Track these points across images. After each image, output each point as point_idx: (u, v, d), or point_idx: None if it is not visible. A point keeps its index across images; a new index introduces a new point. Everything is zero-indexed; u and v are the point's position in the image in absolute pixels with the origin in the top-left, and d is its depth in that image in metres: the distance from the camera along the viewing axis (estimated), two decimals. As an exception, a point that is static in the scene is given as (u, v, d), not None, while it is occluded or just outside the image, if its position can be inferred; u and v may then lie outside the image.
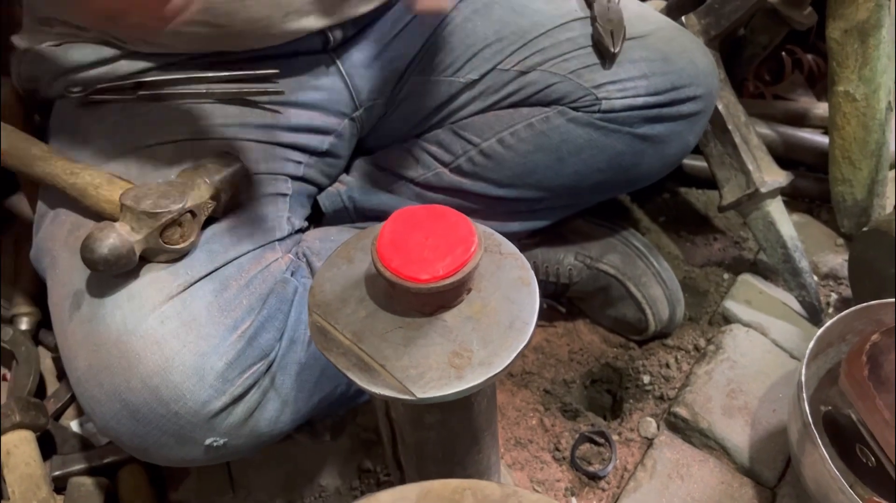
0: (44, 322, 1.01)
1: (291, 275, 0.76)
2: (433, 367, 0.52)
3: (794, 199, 1.21)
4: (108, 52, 0.78)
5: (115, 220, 0.66)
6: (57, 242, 0.72)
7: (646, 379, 1.00)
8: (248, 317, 0.68)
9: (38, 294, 1.01)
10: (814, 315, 1.04)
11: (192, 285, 0.67)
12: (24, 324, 0.98)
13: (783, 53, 1.35)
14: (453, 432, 0.62)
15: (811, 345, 0.82)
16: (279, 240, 0.77)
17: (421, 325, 0.54)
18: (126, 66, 0.78)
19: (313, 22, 0.79)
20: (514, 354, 0.53)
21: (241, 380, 0.67)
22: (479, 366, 0.52)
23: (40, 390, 0.96)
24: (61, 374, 0.97)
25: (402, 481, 0.71)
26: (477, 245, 0.54)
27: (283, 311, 0.72)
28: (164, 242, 0.66)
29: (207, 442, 0.67)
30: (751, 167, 1.02)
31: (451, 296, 0.54)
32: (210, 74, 0.79)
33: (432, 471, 0.67)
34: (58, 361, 0.97)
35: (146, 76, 0.78)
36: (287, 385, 0.71)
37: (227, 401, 0.66)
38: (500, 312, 0.55)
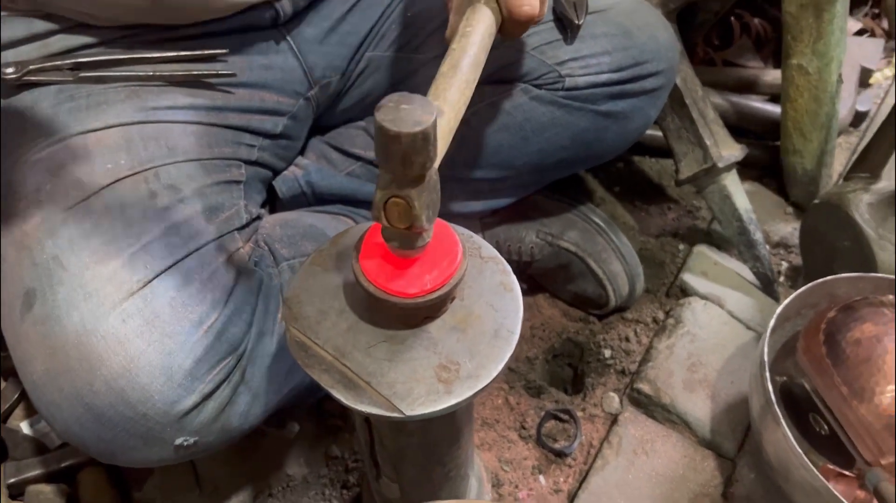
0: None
1: (255, 264, 0.73)
2: (420, 382, 0.51)
3: (744, 167, 1.23)
4: (39, 25, 0.72)
5: None
6: (1, 237, 0.67)
7: (607, 353, 1.02)
8: (213, 311, 0.66)
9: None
10: (767, 285, 1.06)
11: (152, 280, 0.64)
12: (-39, 323, 0.92)
13: (732, 18, 1.36)
14: (435, 436, 0.62)
15: (771, 322, 0.84)
16: (238, 229, 0.74)
17: (405, 338, 0.53)
18: (60, 41, 0.73)
19: None
20: (502, 365, 0.52)
21: (211, 377, 0.64)
22: (466, 379, 0.51)
23: (-16, 390, 0.92)
24: (6, 373, 0.92)
25: (378, 477, 0.71)
26: (462, 255, 0.52)
27: (250, 303, 0.69)
28: None
29: (177, 441, 0.65)
30: (708, 142, 1.03)
31: (437, 307, 0.53)
32: (155, 55, 0.75)
33: (410, 471, 0.67)
34: (2, 360, 0.92)
35: (84, 55, 0.73)
36: (257, 378, 0.69)
37: (197, 399, 0.64)
38: (484, 321, 0.54)
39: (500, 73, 0.86)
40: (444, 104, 0.53)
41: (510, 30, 0.65)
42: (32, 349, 0.63)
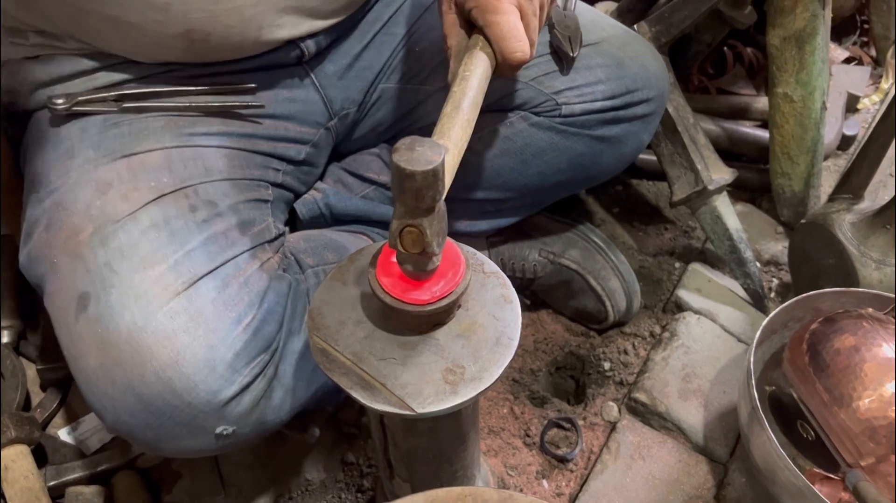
0: (23, 333, 1.03)
1: (283, 271, 0.80)
2: (430, 384, 0.57)
3: (737, 189, 1.29)
4: (86, 63, 0.79)
5: None
6: (55, 249, 0.74)
7: (606, 365, 1.07)
8: (249, 311, 0.72)
9: (17, 306, 1.02)
10: (758, 301, 1.12)
11: (195, 283, 0.71)
12: (5, 337, 0.99)
13: (725, 48, 1.42)
14: (443, 436, 0.68)
15: (757, 334, 0.90)
16: (268, 241, 0.81)
17: (416, 344, 0.59)
18: (105, 77, 0.80)
19: (287, 32, 0.81)
20: (502, 369, 0.58)
21: (248, 370, 0.71)
22: (471, 381, 0.57)
23: (24, 401, 0.98)
24: (45, 384, 0.99)
25: (391, 478, 0.77)
26: (465, 268, 0.59)
27: (281, 305, 0.76)
28: None
29: (218, 430, 0.71)
30: (699, 166, 1.09)
31: (444, 315, 0.59)
32: (191, 88, 0.82)
33: (422, 470, 0.73)
34: (42, 372, 0.98)
35: (127, 87, 0.80)
36: (288, 374, 0.76)
37: (236, 390, 0.70)
38: (487, 329, 0.60)
39: (502, 102, 0.92)
40: (448, 142, 0.60)
41: (504, 72, 0.72)
42: (86, 346, 0.69)
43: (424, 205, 0.51)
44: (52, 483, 0.87)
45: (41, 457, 0.91)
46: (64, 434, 0.94)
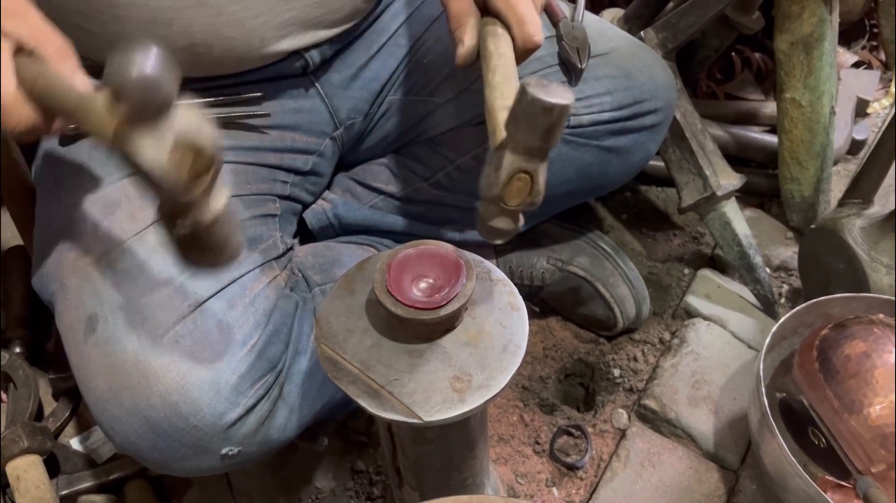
0: (35, 343, 1.04)
1: (291, 290, 0.80)
2: (437, 392, 0.57)
3: (746, 194, 1.29)
4: (93, 81, 0.80)
5: None
6: (65, 268, 0.75)
7: (616, 372, 1.07)
8: (255, 332, 0.73)
9: (29, 316, 1.03)
10: (768, 307, 1.12)
11: (200, 305, 0.71)
12: (18, 347, 1.00)
13: (733, 53, 1.42)
14: (451, 444, 0.68)
15: (767, 340, 0.90)
16: (275, 258, 0.81)
17: (423, 352, 0.59)
18: None
19: (290, 44, 0.81)
20: (510, 376, 0.58)
21: (253, 392, 0.71)
22: (478, 388, 0.57)
23: (37, 410, 0.99)
24: (57, 394, 1.00)
25: (400, 486, 0.77)
26: (466, 269, 0.59)
27: (287, 325, 0.76)
28: None
29: (223, 451, 0.71)
30: (707, 172, 1.09)
31: (449, 322, 0.60)
32: (196, 100, 0.82)
33: (430, 478, 0.73)
34: (53, 381, 0.99)
35: None
36: (294, 393, 0.76)
37: (241, 412, 0.70)
38: (494, 337, 0.61)
39: None
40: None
41: (519, 57, 0.70)
42: (95, 368, 0.70)
43: (548, 145, 0.48)
44: (63, 492, 0.88)
45: (53, 467, 0.92)
46: (76, 443, 0.95)
